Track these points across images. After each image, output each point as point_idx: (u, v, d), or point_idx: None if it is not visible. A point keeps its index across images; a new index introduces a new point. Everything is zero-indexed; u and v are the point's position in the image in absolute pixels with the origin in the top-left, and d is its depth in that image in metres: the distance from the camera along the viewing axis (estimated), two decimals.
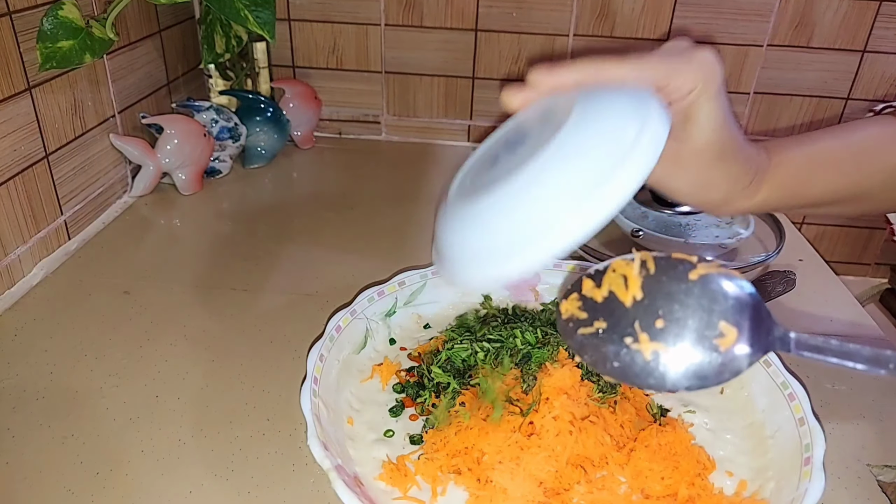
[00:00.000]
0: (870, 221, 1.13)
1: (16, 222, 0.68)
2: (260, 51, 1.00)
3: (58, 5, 0.68)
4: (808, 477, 0.45)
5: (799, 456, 0.47)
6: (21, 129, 0.67)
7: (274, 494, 0.47)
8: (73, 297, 0.67)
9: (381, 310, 0.60)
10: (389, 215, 0.87)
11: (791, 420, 0.50)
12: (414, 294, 0.62)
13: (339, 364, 0.54)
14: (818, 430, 0.48)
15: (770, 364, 0.54)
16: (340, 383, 0.53)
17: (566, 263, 0.65)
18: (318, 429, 0.44)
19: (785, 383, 0.53)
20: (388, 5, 1.01)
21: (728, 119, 0.43)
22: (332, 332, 0.54)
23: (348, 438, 0.49)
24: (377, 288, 0.60)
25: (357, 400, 0.53)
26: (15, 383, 0.56)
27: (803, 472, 0.46)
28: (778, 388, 0.53)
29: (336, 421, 0.49)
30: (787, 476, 0.47)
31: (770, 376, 0.54)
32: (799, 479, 0.45)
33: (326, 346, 0.53)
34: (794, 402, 0.51)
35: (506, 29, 1.01)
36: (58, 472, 0.48)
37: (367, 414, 0.52)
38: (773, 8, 0.97)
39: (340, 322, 0.55)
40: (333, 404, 0.50)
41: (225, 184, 0.93)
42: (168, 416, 0.53)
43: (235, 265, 0.74)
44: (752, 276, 0.75)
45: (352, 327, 0.56)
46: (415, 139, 1.10)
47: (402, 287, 0.61)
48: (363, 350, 0.57)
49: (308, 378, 0.49)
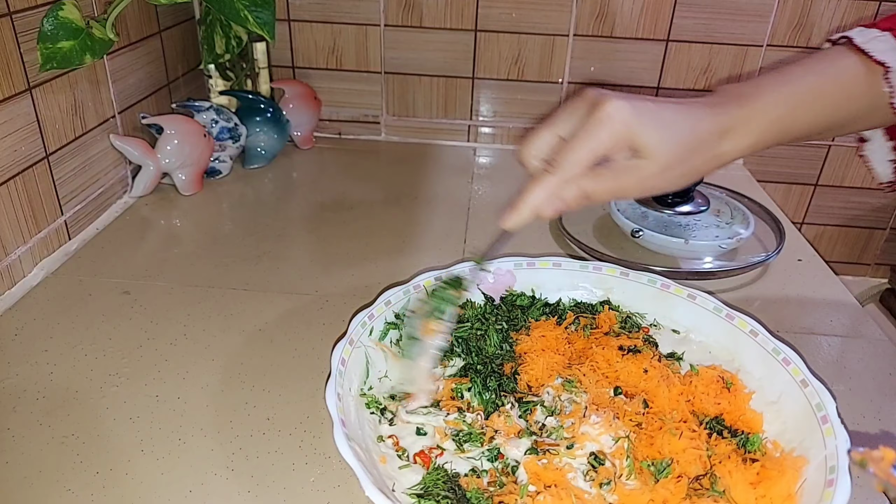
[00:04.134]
0: (870, 221, 1.14)
1: (16, 222, 0.68)
2: (260, 51, 1.00)
3: (58, 6, 0.68)
4: (832, 434, 0.46)
5: (813, 416, 0.48)
6: (21, 129, 0.67)
7: (274, 494, 0.47)
8: (73, 297, 0.67)
9: (376, 333, 0.57)
10: (389, 215, 0.87)
11: (792, 383, 0.52)
12: (402, 310, 0.59)
13: (354, 400, 0.51)
14: (823, 389, 0.50)
15: (757, 333, 0.56)
16: (361, 419, 0.50)
17: (539, 261, 0.65)
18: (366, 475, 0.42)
19: (776, 349, 0.54)
20: (387, 6, 1.01)
21: (671, 130, 0.46)
22: (338, 367, 0.50)
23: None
24: (367, 311, 0.56)
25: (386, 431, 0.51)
26: (15, 383, 0.56)
27: (825, 430, 0.47)
28: (770, 356, 0.54)
29: (372, 460, 0.47)
30: (808, 436, 0.48)
31: (759, 345, 0.55)
32: (823, 437, 0.47)
33: (339, 384, 0.49)
34: (790, 365, 0.53)
35: (506, 29, 1.01)
36: (58, 472, 0.48)
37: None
38: (772, 8, 0.97)
39: (343, 355, 0.52)
40: (362, 442, 0.47)
41: (225, 184, 0.93)
42: (168, 416, 0.53)
43: (235, 265, 0.74)
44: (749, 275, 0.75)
45: (354, 358, 0.53)
46: (414, 139, 1.10)
47: (389, 306, 0.58)
48: (367, 379, 0.55)
49: (336, 423, 0.45)
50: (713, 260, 0.76)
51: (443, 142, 1.10)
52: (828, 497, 0.42)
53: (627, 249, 0.78)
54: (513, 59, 1.03)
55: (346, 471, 0.49)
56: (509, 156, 1.07)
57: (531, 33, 1.01)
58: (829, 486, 0.43)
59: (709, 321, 0.59)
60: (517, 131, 1.09)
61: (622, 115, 0.45)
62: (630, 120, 0.45)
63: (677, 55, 1.01)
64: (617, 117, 0.45)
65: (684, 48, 1.01)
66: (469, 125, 1.09)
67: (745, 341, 0.57)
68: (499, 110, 1.08)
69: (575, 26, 1.00)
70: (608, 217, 0.83)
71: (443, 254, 0.77)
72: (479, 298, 0.64)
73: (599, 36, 1.01)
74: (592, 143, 0.45)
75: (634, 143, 0.46)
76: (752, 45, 1.00)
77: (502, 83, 1.05)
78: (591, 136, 0.45)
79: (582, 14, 0.99)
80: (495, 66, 1.04)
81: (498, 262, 0.64)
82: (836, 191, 1.11)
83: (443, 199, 0.91)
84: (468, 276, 0.57)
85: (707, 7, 0.98)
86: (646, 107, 0.46)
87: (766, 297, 0.72)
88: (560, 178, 0.46)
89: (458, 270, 0.60)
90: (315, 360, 0.60)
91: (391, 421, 0.52)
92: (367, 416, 0.51)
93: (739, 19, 0.98)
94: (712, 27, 0.99)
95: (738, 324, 0.58)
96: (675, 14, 0.98)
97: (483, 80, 1.05)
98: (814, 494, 0.43)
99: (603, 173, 0.47)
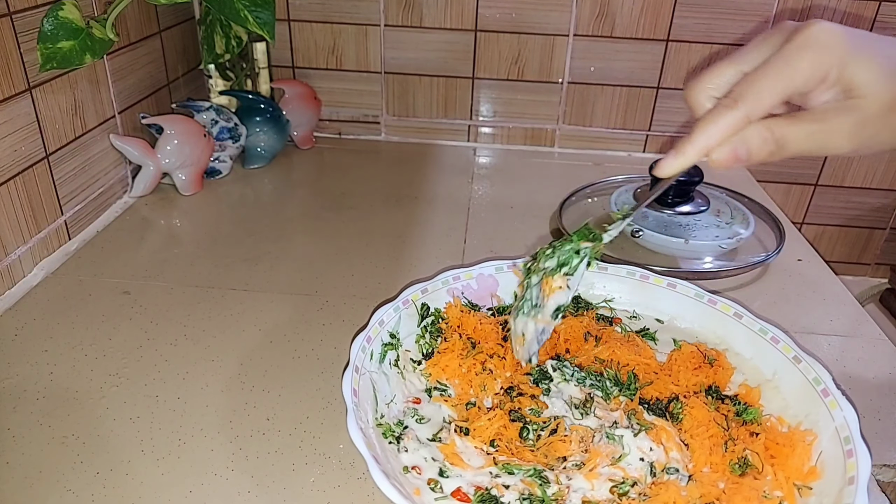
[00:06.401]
0: (870, 221, 1.14)
1: (16, 222, 0.68)
2: (260, 51, 1.00)
3: (58, 6, 0.68)
4: (837, 406, 0.47)
5: (812, 390, 0.49)
6: (21, 129, 0.67)
7: (274, 494, 0.47)
8: (73, 297, 0.67)
9: (376, 356, 0.54)
10: (389, 215, 0.87)
11: (785, 360, 0.52)
12: (394, 329, 0.57)
13: (374, 432, 0.48)
14: (816, 363, 0.50)
15: (742, 315, 0.56)
16: (385, 451, 0.48)
17: (520, 262, 0.62)
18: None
19: (763, 329, 0.55)
20: (387, 6, 1.01)
21: (888, 65, 0.36)
22: (352, 399, 0.47)
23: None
24: (364, 333, 0.54)
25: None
26: (15, 383, 0.56)
27: (828, 403, 0.48)
28: (758, 335, 0.55)
29: (409, 495, 0.44)
30: (812, 410, 0.49)
31: (745, 326, 0.56)
32: (829, 410, 0.47)
33: (356, 416, 0.46)
34: (780, 343, 0.53)
35: (505, 29, 1.01)
36: (58, 472, 0.48)
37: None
38: (772, 8, 0.97)
39: (353, 385, 0.49)
40: (395, 478, 0.44)
41: (225, 184, 0.93)
42: (168, 416, 0.53)
43: (235, 265, 0.74)
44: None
45: (362, 386, 0.50)
46: (414, 139, 1.10)
47: (382, 325, 0.56)
48: (377, 407, 0.52)
49: (369, 462, 0.42)
50: (713, 260, 0.76)
51: (443, 142, 1.10)
52: (851, 468, 0.43)
53: (627, 249, 0.78)
54: (513, 59, 1.03)
55: (345, 471, 0.49)
56: (510, 155, 1.07)
57: (531, 33, 1.01)
58: (850, 458, 0.44)
59: (692, 308, 0.60)
60: (517, 131, 1.09)
61: (831, 39, 0.36)
62: (841, 46, 0.36)
63: (677, 55, 1.01)
64: (825, 41, 0.35)
65: (684, 48, 1.01)
66: (469, 125, 1.09)
67: (730, 324, 0.57)
68: (499, 110, 1.08)
69: (575, 26, 1.00)
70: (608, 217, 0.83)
71: (443, 254, 0.77)
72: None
73: (599, 36, 1.01)
74: (790, 72, 0.36)
75: (846, 77, 0.36)
76: None
77: (502, 83, 1.05)
78: (789, 63, 0.36)
79: (582, 14, 0.99)
80: (495, 66, 1.04)
81: (479, 267, 0.63)
82: (836, 191, 1.11)
83: (443, 199, 0.91)
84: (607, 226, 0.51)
85: (707, 7, 0.98)
86: (860, 33, 0.37)
87: (766, 297, 0.72)
88: (744, 113, 0.36)
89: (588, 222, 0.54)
90: (315, 361, 0.60)
91: (406, 449, 0.48)
92: (387, 446, 0.48)
93: (739, 19, 0.98)
94: (712, 27, 0.99)
95: (721, 308, 0.58)
96: (675, 14, 0.98)
97: (483, 80, 1.05)
98: (836, 468, 0.44)
99: (802, 115, 0.37)
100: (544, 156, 1.08)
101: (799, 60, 0.36)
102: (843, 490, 0.42)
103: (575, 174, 1.00)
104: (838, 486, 0.43)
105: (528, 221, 0.86)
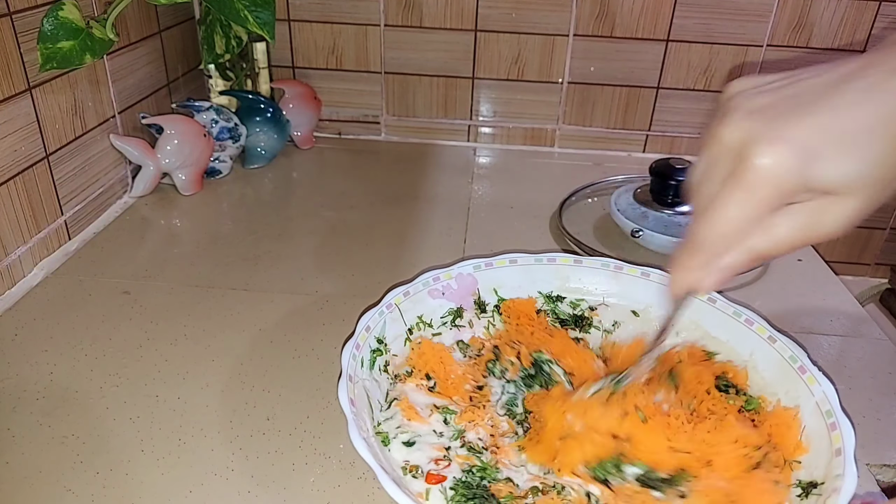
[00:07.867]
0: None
1: (16, 222, 0.68)
2: (260, 51, 1.00)
3: (58, 6, 0.68)
4: (814, 381, 0.49)
5: (790, 368, 0.51)
6: (21, 129, 0.67)
7: (274, 494, 0.47)
8: (73, 297, 0.67)
9: (366, 363, 0.54)
10: (389, 215, 0.87)
11: (760, 341, 0.54)
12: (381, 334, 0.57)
13: (376, 441, 0.48)
14: (791, 342, 0.52)
15: (715, 300, 0.57)
16: (389, 460, 0.48)
17: (496, 260, 0.63)
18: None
19: (737, 312, 0.56)
20: (387, 6, 1.01)
21: (864, 150, 0.33)
22: (350, 409, 0.47)
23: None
24: (353, 341, 0.53)
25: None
26: (15, 383, 0.56)
27: (806, 379, 0.49)
28: (732, 318, 0.56)
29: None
30: (791, 387, 0.50)
31: (719, 310, 0.57)
32: (807, 385, 0.49)
33: (356, 424, 0.45)
34: (755, 325, 0.55)
35: (505, 29, 1.01)
36: (58, 472, 0.48)
37: None
38: (772, 8, 0.97)
39: (349, 395, 0.48)
40: (404, 486, 0.43)
41: (225, 184, 0.93)
42: (168, 415, 0.53)
43: (235, 265, 0.74)
44: None
45: (358, 395, 0.50)
46: (414, 139, 1.10)
47: (369, 332, 0.55)
48: (374, 414, 0.51)
49: (380, 474, 0.41)
50: None
51: (443, 142, 1.10)
52: (836, 440, 0.44)
53: (627, 249, 0.78)
54: (513, 59, 1.03)
55: (345, 471, 0.49)
56: (510, 155, 1.07)
57: (531, 33, 1.01)
58: (834, 430, 0.45)
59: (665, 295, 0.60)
60: (517, 131, 1.09)
61: (783, 167, 0.32)
62: (798, 169, 0.32)
63: (677, 55, 1.01)
64: (776, 172, 0.32)
65: (684, 48, 1.01)
66: (469, 125, 1.09)
67: (704, 309, 0.58)
68: (499, 110, 1.08)
69: (575, 26, 1.00)
70: (608, 217, 0.83)
71: (443, 254, 0.77)
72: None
73: (599, 36, 1.01)
74: (744, 210, 0.34)
75: (816, 189, 0.33)
76: (752, 45, 1.00)
77: (502, 83, 1.05)
78: (741, 203, 0.34)
79: (582, 14, 0.99)
80: (495, 66, 1.04)
81: (458, 266, 0.62)
82: None
83: (443, 199, 0.91)
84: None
85: (707, 7, 0.98)
86: (816, 132, 0.32)
87: (766, 297, 0.72)
88: (704, 259, 0.36)
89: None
90: (315, 361, 0.60)
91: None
92: (388, 454, 0.48)
93: (739, 19, 0.98)
94: (712, 27, 0.99)
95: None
96: (675, 14, 0.98)
97: (483, 80, 1.05)
98: (822, 441, 0.46)
99: (778, 224, 0.34)
100: (544, 156, 1.08)
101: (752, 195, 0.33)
102: (832, 462, 0.44)
103: (575, 174, 1.00)
104: (826, 459, 0.44)
105: (528, 221, 0.86)
